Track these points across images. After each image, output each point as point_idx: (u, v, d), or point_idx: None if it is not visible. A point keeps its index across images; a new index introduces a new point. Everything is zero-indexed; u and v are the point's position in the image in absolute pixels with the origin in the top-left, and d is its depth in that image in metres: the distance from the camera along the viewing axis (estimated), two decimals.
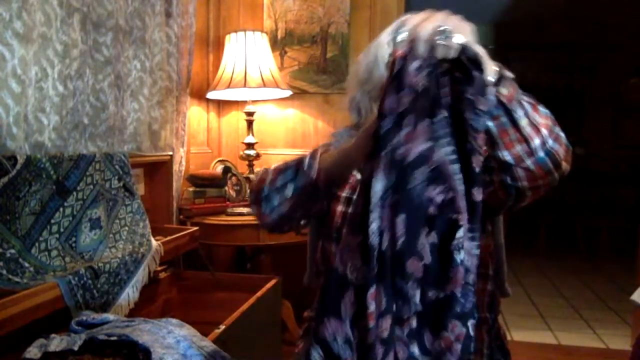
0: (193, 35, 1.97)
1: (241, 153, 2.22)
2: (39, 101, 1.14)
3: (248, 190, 2.15)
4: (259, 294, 1.46)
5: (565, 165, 0.73)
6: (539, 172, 0.71)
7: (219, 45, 2.36)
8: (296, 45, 2.40)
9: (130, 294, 1.29)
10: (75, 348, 0.83)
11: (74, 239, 1.21)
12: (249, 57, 2.06)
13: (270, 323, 1.60)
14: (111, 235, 1.34)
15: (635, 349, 1.14)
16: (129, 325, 0.90)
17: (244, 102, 2.22)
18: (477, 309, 0.62)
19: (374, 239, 0.60)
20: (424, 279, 0.61)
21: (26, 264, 1.05)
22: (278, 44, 2.41)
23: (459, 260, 0.60)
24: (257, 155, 2.22)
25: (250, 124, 2.20)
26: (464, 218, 0.60)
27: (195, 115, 2.26)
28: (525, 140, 0.69)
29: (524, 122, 0.68)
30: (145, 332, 0.86)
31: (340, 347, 0.63)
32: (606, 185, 4.30)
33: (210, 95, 2.18)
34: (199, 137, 2.30)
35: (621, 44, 4.85)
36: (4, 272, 0.99)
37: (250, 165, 2.23)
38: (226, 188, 2.12)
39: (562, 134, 0.72)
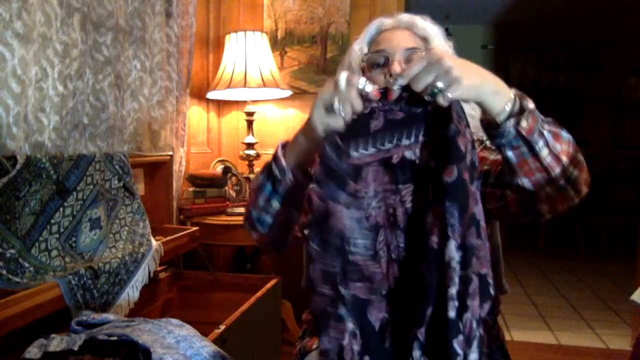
0: (193, 35, 1.97)
1: (241, 153, 2.22)
2: (39, 101, 1.14)
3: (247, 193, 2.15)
4: (259, 294, 1.46)
5: (585, 190, 0.73)
6: (559, 198, 0.72)
7: (219, 45, 2.36)
8: (296, 45, 2.40)
9: (130, 294, 1.29)
10: (75, 348, 0.82)
11: (74, 239, 1.21)
12: (249, 57, 2.06)
13: (270, 323, 1.60)
14: (111, 235, 1.34)
15: (635, 349, 1.14)
16: (129, 325, 0.90)
17: (244, 102, 2.22)
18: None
19: None
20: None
21: (26, 264, 1.05)
22: (278, 44, 2.41)
23: None
24: (257, 156, 2.22)
25: (250, 124, 2.20)
26: None
27: (195, 115, 2.26)
28: (546, 169, 0.69)
29: (544, 153, 0.68)
30: (145, 332, 0.86)
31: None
32: (606, 185, 4.29)
33: (210, 95, 2.18)
34: (199, 137, 2.30)
35: (621, 44, 4.84)
36: (4, 272, 0.99)
37: (251, 165, 2.23)
38: (226, 188, 2.12)
39: (583, 160, 0.72)
